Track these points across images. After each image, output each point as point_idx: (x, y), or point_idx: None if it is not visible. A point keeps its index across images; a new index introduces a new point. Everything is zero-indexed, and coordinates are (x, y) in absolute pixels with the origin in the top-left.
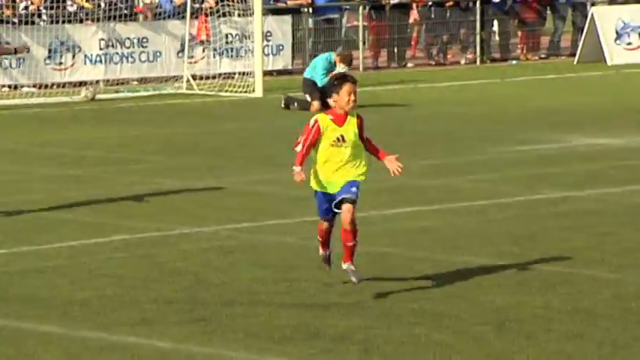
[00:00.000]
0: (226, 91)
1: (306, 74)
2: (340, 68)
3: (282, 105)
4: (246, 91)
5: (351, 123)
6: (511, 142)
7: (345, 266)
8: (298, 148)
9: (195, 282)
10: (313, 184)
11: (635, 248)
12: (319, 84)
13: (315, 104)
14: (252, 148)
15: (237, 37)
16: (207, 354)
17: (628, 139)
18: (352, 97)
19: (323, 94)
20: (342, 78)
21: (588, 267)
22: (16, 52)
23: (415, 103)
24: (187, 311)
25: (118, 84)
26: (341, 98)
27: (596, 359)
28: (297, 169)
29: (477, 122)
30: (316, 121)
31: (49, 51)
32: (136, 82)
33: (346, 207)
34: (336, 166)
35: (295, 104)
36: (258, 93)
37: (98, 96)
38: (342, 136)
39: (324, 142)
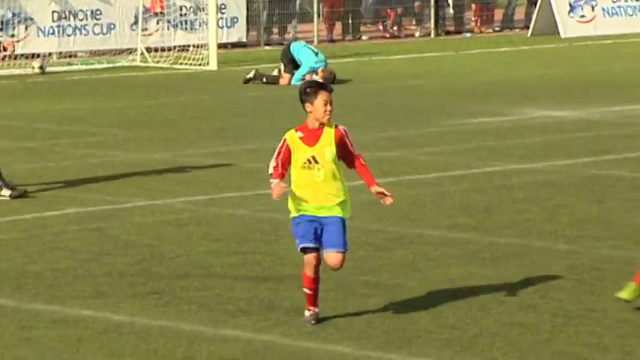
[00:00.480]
0: (180, 63)
1: (292, 46)
2: (315, 79)
3: (247, 77)
4: (200, 64)
5: (327, 139)
6: (465, 115)
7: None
8: (271, 166)
9: (150, 255)
10: (292, 210)
11: (588, 220)
12: (293, 80)
13: (285, 77)
14: (206, 121)
15: (192, 10)
16: (162, 326)
17: (581, 111)
18: (328, 108)
19: (295, 68)
20: (317, 85)
21: (542, 239)
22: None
23: (370, 76)
24: (141, 284)
25: (71, 56)
26: (316, 109)
27: (549, 330)
28: (274, 181)
29: (431, 95)
30: (284, 140)
31: (2, 23)
32: (89, 55)
33: (336, 255)
34: (309, 190)
35: (264, 79)
36: (213, 66)
37: (51, 69)
38: (314, 157)
39: (294, 163)
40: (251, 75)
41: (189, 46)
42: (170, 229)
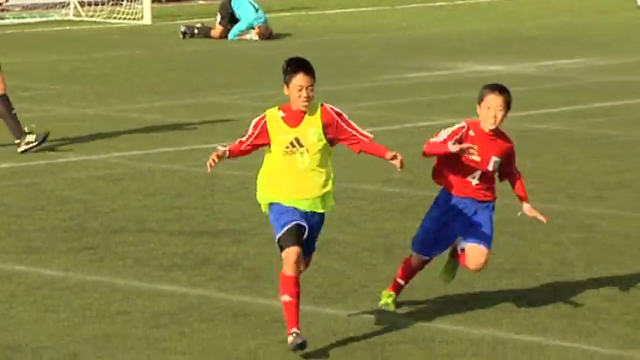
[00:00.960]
0: (114, 18)
1: (233, 1)
2: (251, 35)
3: (181, 31)
4: (134, 18)
5: (312, 121)
6: (401, 70)
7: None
8: (243, 139)
9: (84, 210)
10: (263, 198)
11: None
12: (230, 35)
13: (218, 29)
14: (140, 75)
15: None
16: (96, 282)
17: (516, 65)
18: (304, 94)
19: (232, 22)
20: (295, 65)
21: None
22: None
23: (305, 30)
24: (76, 239)
25: (3, 10)
26: (291, 93)
27: (482, 283)
28: (220, 148)
29: (367, 49)
30: (263, 118)
31: None
32: (21, 9)
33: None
34: (291, 179)
35: (195, 31)
36: (147, 20)
37: None
38: (297, 140)
39: (276, 148)
40: (183, 29)
41: (122, 0)
42: (104, 184)
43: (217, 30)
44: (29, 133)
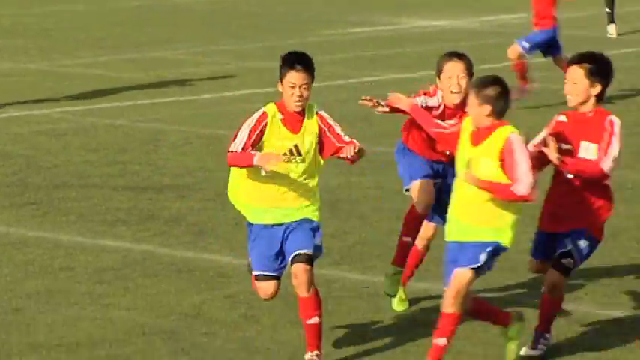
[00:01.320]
0: None
1: None
2: None
3: None
4: None
5: (310, 128)
6: (344, 25)
7: (308, 356)
8: (235, 147)
9: (26, 165)
10: (245, 212)
11: None
12: None
13: None
14: (83, 30)
15: None
16: (39, 237)
17: (459, 20)
18: (297, 92)
19: None
20: (291, 60)
21: None
22: None
23: None
24: (18, 195)
25: None
26: (284, 89)
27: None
28: (256, 153)
29: (310, 5)
30: (263, 115)
31: None
32: None
33: (300, 267)
34: (282, 189)
35: None
36: None
37: None
38: (296, 148)
39: (268, 150)
40: None
41: None
42: (47, 139)
43: None
44: None
